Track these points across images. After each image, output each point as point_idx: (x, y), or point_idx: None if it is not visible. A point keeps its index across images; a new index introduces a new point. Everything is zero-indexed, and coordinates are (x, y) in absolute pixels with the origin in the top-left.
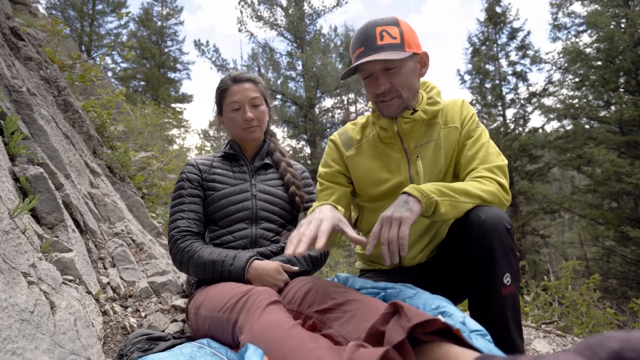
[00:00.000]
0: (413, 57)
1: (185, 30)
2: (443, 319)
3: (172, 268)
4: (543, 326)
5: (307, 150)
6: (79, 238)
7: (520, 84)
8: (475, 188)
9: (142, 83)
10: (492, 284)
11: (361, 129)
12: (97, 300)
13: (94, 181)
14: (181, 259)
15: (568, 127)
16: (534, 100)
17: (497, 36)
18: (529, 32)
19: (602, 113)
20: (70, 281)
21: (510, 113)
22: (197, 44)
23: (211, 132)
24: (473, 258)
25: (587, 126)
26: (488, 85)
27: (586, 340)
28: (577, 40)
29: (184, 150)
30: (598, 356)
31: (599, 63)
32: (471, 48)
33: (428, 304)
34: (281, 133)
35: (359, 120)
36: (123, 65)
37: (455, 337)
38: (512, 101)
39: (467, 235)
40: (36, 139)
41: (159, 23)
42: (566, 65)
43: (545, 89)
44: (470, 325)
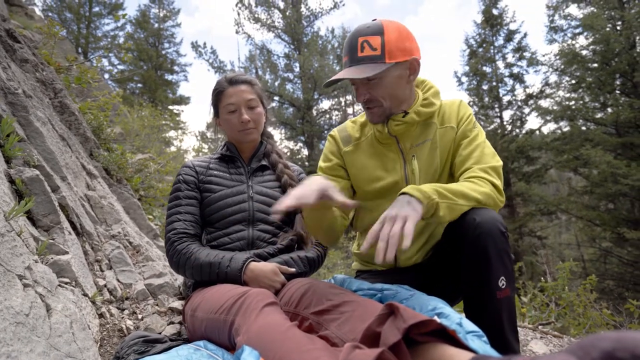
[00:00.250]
0: (398, 66)
1: (182, 32)
2: (438, 320)
3: (169, 270)
4: (540, 327)
5: (305, 152)
6: (75, 240)
7: (517, 86)
8: (471, 190)
9: (139, 85)
10: (488, 287)
11: (360, 127)
12: (94, 302)
13: (91, 183)
14: (178, 261)
15: (565, 129)
16: (531, 102)
17: (494, 38)
18: (526, 34)
19: (599, 115)
20: (66, 284)
21: (507, 115)
22: (195, 46)
23: (208, 134)
24: (468, 260)
25: (584, 128)
26: (485, 87)
27: (579, 340)
28: (574, 42)
29: (182, 152)
30: (591, 356)
31: (595, 65)
32: (468, 50)
33: (425, 306)
34: (279, 135)
35: (359, 118)
36: (120, 67)
37: (451, 338)
38: (509, 103)
39: (462, 237)
40: (32, 141)
41: (156, 25)
42: (562, 67)
43: (542, 91)
44: (466, 326)
